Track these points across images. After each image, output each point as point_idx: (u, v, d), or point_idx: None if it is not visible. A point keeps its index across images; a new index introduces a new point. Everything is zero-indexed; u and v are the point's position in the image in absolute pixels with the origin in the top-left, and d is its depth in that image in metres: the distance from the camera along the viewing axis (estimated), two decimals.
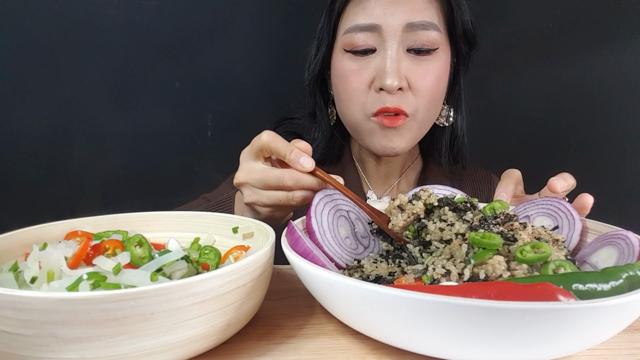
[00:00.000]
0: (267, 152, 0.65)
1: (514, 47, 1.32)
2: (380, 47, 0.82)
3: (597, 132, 1.37)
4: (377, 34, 0.82)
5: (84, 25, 1.22)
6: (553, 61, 1.34)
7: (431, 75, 0.84)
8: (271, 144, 0.63)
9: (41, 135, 1.24)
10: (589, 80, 1.35)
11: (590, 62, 1.33)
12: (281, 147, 0.62)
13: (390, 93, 0.81)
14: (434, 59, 0.84)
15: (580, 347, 0.40)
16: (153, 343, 0.38)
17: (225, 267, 0.41)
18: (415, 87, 0.83)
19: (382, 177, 1.01)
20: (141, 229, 0.63)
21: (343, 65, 0.86)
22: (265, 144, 0.63)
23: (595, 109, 1.36)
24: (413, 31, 0.81)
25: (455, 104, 0.96)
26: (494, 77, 1.32)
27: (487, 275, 0.47)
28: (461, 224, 0.55)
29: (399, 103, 0.82)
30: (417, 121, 0.86)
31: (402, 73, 0.81)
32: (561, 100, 1.37)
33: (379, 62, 0.82)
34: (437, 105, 0.90)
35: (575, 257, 0.57)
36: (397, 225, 0.59)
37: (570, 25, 1.32)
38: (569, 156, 1.39)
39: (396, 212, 0.60)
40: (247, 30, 1.29)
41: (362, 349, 0.46)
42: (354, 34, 0.83)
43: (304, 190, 0.64)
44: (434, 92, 0.85)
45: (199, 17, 1.27)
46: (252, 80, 1.29)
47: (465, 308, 0.35)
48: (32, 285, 0.45)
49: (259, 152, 0.65)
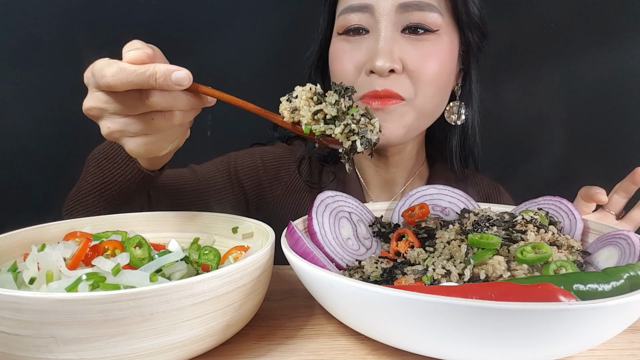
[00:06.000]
0: (117, 89, 0.46)
1: (520, 44, 1.31)
2: (373, 29, 0.77)
3: (616, 129, 1.35)
4: (369, 14, 0.77)
5: (84, 25, 1.22)
6: (561, 59, 1.33)
7: (432, 57, 0.77)
8: (118, 79, 0.45)
9: (41, 135, 1.24)
10: (596, 80, 1.34)
11: (607, 59, 1.32)
12: (132, 75, 0.45)
13: (382, 76, 0.75)
14: (434, 42, 0.77)
15: (581, 347, 0.40)
16: (152, 344, 0.37)
17: (224, 267, 0.41)
18: (412, 70, 0.76)
19: (382, 183, 0.93)
20: (141, 229, 0.63)
21: (337, 48, 0.82)
22: (111, 84, 0.45)
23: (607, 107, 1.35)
24: (407, 12, 0.75)
25: (466, 99, 0.89)
26: (502, 75, 1.31)
27: (488, 276, 0.47)
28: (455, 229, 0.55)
29: (391, 86, 0.75)
30: (415, 107, 0.78)
31: (395, 55, 0.75)
32: (563, 100, 1.36)
33: (371, 44, 0.77)
34: (441, 93, 0.82)
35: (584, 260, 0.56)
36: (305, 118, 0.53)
37: (583, 20, 1.31)
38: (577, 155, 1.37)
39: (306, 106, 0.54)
40: (247, 29, 1.29)
41: (362, 349, 0.46)
42: (346, 15, 0.79)
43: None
44: (435, 76, 0.78)
45: (198, 17, 1.27)
46: (252, 80, 1.29)
47: (465, 309, 0.34)
48: (31, 285, 0.45)
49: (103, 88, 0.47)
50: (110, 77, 0.45)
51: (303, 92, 0.54)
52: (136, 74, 0.45)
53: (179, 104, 0.49)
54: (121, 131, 0.49)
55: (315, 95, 0.54)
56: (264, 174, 0.91)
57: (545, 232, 0.55)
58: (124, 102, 0.47)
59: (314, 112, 0.53)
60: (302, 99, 0.53)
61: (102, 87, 0.47)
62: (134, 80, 0.45)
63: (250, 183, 0.91)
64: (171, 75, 0.45)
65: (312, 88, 0.54)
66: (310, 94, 0.53)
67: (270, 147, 0.97)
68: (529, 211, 0.59)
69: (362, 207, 0.68)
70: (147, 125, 0.49)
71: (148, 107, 0.47)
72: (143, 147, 0.50)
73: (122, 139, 0.51)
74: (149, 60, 0.46)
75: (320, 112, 0.53)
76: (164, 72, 0.45)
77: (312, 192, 0.90)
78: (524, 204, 0.68)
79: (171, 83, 0.45)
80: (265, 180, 0.91)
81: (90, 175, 0.70)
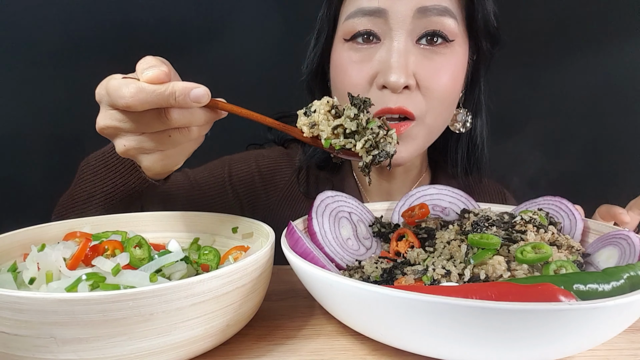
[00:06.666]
0: (136, 109, 0.45)
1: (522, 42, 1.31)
2: (386, 37, 0.71)
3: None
4: (382, 20, 0.70)
5: (84, 25, 1.22)
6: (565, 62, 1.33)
7: (445, 72, 0.72)
8: (138, 100, 0.44)
9: (41, 135, 1.24)
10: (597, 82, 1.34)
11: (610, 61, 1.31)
12: (152, 95, 0.44)
13: (395, 92, 0.69)
14: (449, 54, 0.72)
15: (581, 347, 0.40)
16: (152, 344, 0.37)
17: (224, 267, 0.41)
18: (425, 86, 0.71)
19: (383, 194, 0.89)
20: (140, 229, 0.63)
21: (342, 57, 0.75)
22: (130, 105, 0.44)
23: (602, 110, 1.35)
24: (425, 17, 0.69)
25: (474, 109, 0.84)
26: (506, 76, 1.31)
27: (488, 276, 0.47)
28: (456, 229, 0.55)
29: (404, 103, 0.69)
30: (425, 126, 0.73)
31: (409, 69, 0.69)
32: (564, 102, 1.36)
33: (383, 55, 0.71)
34: (449, 109, 0.77)
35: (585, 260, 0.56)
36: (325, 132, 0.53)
37: (587, 21, 1.30)
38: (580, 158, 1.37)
39: (325, 120, 0.54)
40: (247, 29, 1.29)
41: (362, 349, 0.45)
42: (355, 19, 0.72)
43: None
44: (448, 93, 0.73)
45: (198, 17, 1.27)
46: (252, 80, 1.29)
47: (465, 309, 0.34)
48: (31, 286, 0.45)
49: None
50: (129, 98, 0.44)
51: (321, 107, 0.54)
52: (155, 94, 0.44)
53: (196, 119, 0.48)
54: (138, 149, 0.48)
55: (333, 108, 0.54)
56: (259, 180, 0.89)
57: (545, 232, 0.55)
58: (141, 121, 0.47)
59: (334, 126, 0.53)
60: (320, 113, 0.53)
61: (119, 107, 0.46)
62: (153, 100, 0.44)
63: (245, 190, 0.88)
64: (190, 93, 0.45)
65: (329, 101, 0.54)
66: (327, 107, 0.54)
67: (266, 151, 0.94)
68: (528, 211, 0.59)
69: (362, 207, 0.68)
70: (164, 142, 0.48)
71: (166, 125, 0.46)
72: (159, 162, 0.50)
73: (138, 155, 0.50)
74: (167, 79, 0.45)
75: (339, 126, 0.53)
76: (183, 91, 0.44)
77: (308, 198, 0.88)
78: (524, 204, 0.68)
79: (189, 101, 0.45)
80: (260, 187, 0.89)
81: (87, 183, 0.68)
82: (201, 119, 0.48)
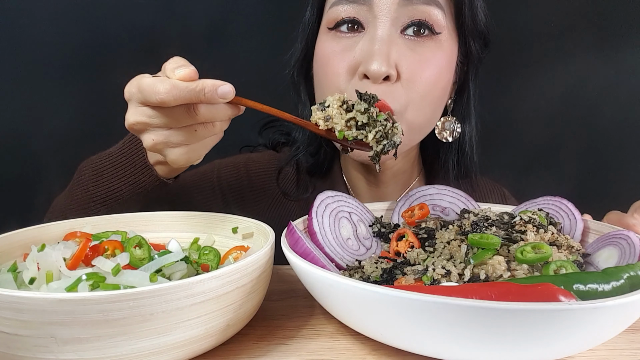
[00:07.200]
0: (169, 105, 0.49)
1: (518, 45, 1.31)
2: (370, 26, 0.69)
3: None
4: (366, 7, 0.69)
5: (84, 25, 1.22)
6: (558, 63, 1.34)
7: (430, 66, 0.70)
8: (172, 96, 0.47)
9: (42, 134, 1.24)
10: (588, 84, 1.34)
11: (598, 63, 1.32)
12: (185, 92, 0.47)
13: (375, 82, 0.67)
14: (435, 47, 0.70)
15: (581, 347, 0.40)
16: (152, 344, 0.37)
17: (224, 267, 0.41)
18: (406, 79, 0.69)
19: (375, 199, 0.86)
20: (140, 229, 0.63)
21: (325, 47, 0.73)
22: (165, 100, 0.48)
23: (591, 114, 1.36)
24: (411, 4, 0.68)
25: (463, 115, 0.82)
26: (497, 79, 1.31)
27: (488, 276, 0.47)
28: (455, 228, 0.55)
29: (383, 96, 0.66)
30: (404, 122, 0.70)
31: (392, 59, 0.67)
32: (557, 106, 1.36)
33: (366, 44, 0.68)
34: (432, 107, 0.74)
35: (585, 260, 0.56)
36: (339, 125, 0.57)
37: (582, 24, 1.31)
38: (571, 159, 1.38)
39: (338, 114, 0.58)
40: (246, 30, 1.29)
41: (362, 349, 0.45)
42: (339, 7, 0.70)
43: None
44: (430, 87, 0.71)
45: (197, 18, 1.27)
46: (251, 80, 1.29)
47: (465, 309, 0.34)
48: (31, 286, 0.45)
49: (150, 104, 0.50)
50: (164, 94, 0.47)
51: (334, 102, 0.58)
52: (188, 90, 0.47)
53: (220, 114, 0.51)
54: (165, 142, 0.52)
55: (344, 103, 0.59)
56: (247, 186, 0.88)
57: (544, 232, 0.55)
58: (171, 116, 0.50)
59: (347, 119, 0.58)
60: (334, 108, 0.58)
61: (152, 103, 0.49)
62: (185, 96, 0.48)
63: (233, 195, 0.88)
64: (217, 89, 0.48)
65: (341, 97, 0.59)
66: (339, 102, 0.58)
67: (256, 155, 0.93)
68: (528, 211, 0.60)
69: (362, 207, 0.68)
70: (190, 136, 0.52)
71: (194, 119, 0.50)
72: (184, 155, 0.53)
73: (165, 149, 0.53)
74: (196, 77, 0.49)
75: (352, 119, 0.58)
76: (212, 87, 0.48)
77: (299, 203, 0.87)
78: (524, 204, 0.68)
79: (217, 96, 0.48)
80: (248, 192, 0.88)
81: (89, 183, 0.69)
82: (225, 114, 0.52)
